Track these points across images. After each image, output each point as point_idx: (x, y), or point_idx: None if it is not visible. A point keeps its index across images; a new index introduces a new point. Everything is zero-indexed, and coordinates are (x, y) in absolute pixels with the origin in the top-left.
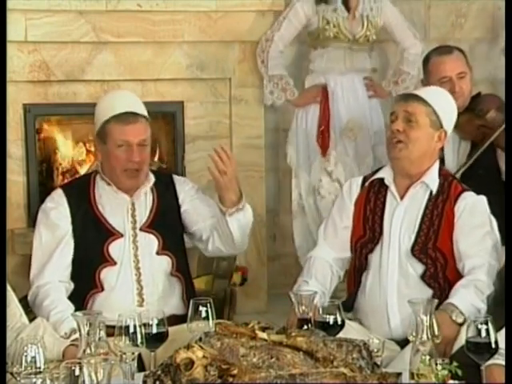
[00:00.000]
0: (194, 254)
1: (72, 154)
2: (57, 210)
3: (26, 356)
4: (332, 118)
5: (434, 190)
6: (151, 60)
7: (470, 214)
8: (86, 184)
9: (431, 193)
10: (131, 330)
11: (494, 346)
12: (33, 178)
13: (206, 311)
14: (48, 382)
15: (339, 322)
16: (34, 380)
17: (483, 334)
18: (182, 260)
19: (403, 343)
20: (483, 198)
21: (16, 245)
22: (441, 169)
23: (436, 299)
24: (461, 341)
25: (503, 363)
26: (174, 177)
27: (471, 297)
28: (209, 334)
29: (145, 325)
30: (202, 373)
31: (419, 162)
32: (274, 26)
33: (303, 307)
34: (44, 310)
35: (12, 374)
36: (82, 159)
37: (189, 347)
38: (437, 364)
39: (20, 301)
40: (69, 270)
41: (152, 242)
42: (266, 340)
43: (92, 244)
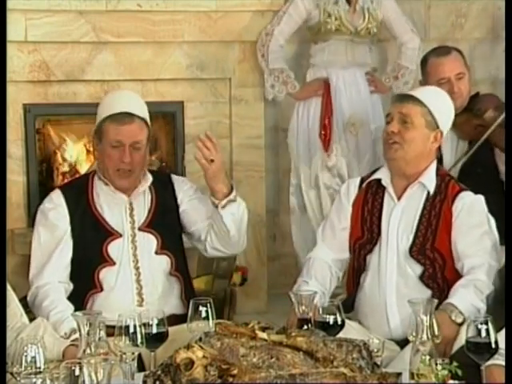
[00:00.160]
0: (194, 254)
1: (72, 154)
2: (55, 211)
3: (26, 356)
4: (334, 113)
5: (432, 191)
6: (151, 60)
7: (468, 213)
8: (84, 184)
9: (428, 193)
10: (131, 330)
11: (493, 346)
12: (33, 178)
13: (206, 311)
14: (48, 381)
15: (339, 322)
16: (34, 380)
17: (483, 333)
18: (180, 260)
19: (403, 343)
20: (481, 198)
21: (16, 245)
22: (438, 169)
23: (436, 299)
24: (461, 341)
25: (503, 363)
26: (173, 176)
27: (471, 296)
28: (209, 333)
29: (145, 325)
30: (202, 373)
31: (415, 163)
32: (274, 20)
33: (303, 307)
34: (44, 311)
35: (12, 374)
36: (82, 159)
37: (189, 347)
38: (437, 364)
39: (20, 301)
40: (68, 270)
41: (151, 241)
42: (266, 340)
43: (91, 244)
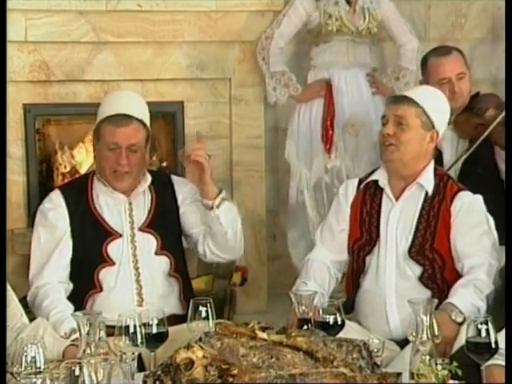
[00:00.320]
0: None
1: (72, 154)
2: (55, 211)
3: (26, 356)
4: (336, 114)
5: (430, 191)
6: (151, 60)
7: (467, 213)
8: (83, 184)
9: (427, 193)
10: (131, 330)
11: (493, 346)
12: (33, 178)
13: (206, 311)
14: (48, 381)
15: (339, 322)
16: (34, 380)
17: (483, 333)
18: (180, 261)
19: (403, 343)
20: (479, 197)
21: (16, 245)
22: (436, 169)
23: (436, 299)
24: (461, 341)
25: (503, 363)
26: (173, 177)
27: (471, 296)
28: (209, 334)
29: (145, 325)
30: (202, 373)
31: (412, 164)
32: (274, 23)
33: (303, 307)
34: (43, 311)
35: (12, 374)
36: (82, 159)
37: (189, 347)
38: (437, 364)
39: (20, 301)
40: (68, 270)
41: (151, 242)
42: (266, 340)
43: (90, 244)
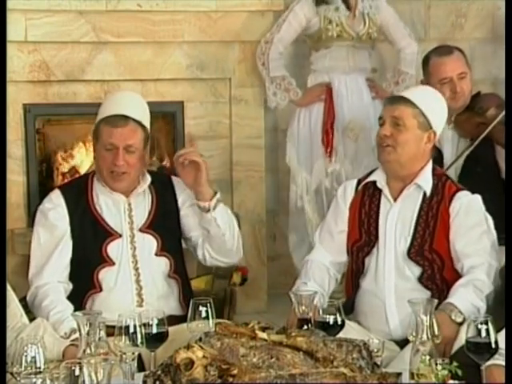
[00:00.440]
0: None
1: (72, 154)
2: (55, 211)
3: (26, 356)
4: (336, 118)
5: (428, 192)
6: (151, 60)
7: (466, 213)
8: (83, 184)
9: (425, 194)
10: (131, 330)
11: (494, 346)
12: (33, 178)
13: (206, 311)
14: (48, 381)
15: (339, 322)
16: (34, 380)
17: (483, 333)
18: (179, 262)
19: (403, 343)
20: (478, 197)
21: (16, 245)
22: (434, 169)
23: (435, 299)
24: (461, 341)
25: (503, 363)
26: (173, 178)
27: (470, 296)
28: (209, 333)
29: (145, 325)
30: (202, 373)
31: (410, 165)
32: (274, 28)
33: (303, 307)
34: (43, 311)
35: (12, 374)
36: (82, 159)
37: (189, 347)
38: (437, 364)
39: (20, 301)
40: (67, 270)
41: (151, 242)
42: (266, 340)
43: (90, 244)
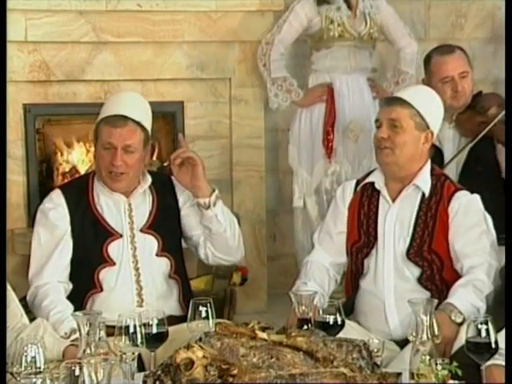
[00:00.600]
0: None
1: (72, 154)
2: (55, 211)
3: (26, 356)
4: (337, 118)
5: (427, 192)
6: (151, 60)
7: (465, 213)
8: (84, 184)
9: (424, 194)
10: (131, 330)
11: (493, 346)
12: (33, 178)
13: (206, 311)
14: (48, 381)
15: (339, 322)
16: (34, 380)
17: (483, 333)
18: (179, 262)
19: (403, 343)
20: (477, 197)
21: (16, 245)
22: (433, 168)
23: (436, 299)
24: (460, 341)
25: (503, 363)
26: (173, 178)
27: (470, 296)
28: (209, 333)
29: (145, 325)
30: (202, 373)
31: (408, 165)
32: (274, 29)
33: (303, 307)
34: (43, 311)
35: (12, 374)
36: (82, 159)
37: (189, 347)
38: (437, 364)
39: (20, 301)
40: (68, 270)
41: (152, 243)
42: (266, 340)
43: (91, 244)
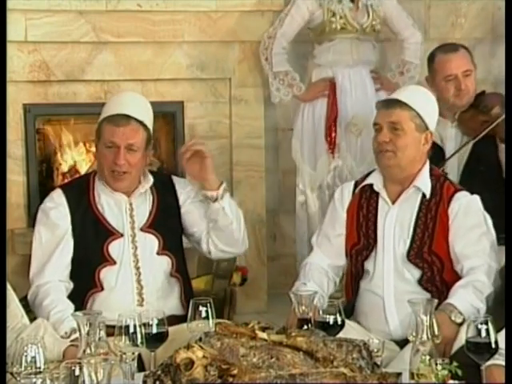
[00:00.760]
0: (194, 254)
1: (72, 154)
2: (56, 210)
3: (26, 356)
4: (340, 113)
5: (428, 194)
6: (151, 60)
7: (465, 214)
8: (85, 184)
9: (423, 195)
10: (131, 329)
11: (494, 346)
12: (33, 178)
13: (206, 311)
14: (48, 381)
15: (339, 322)
16: (34, 380)
17: (483, 333)
18: (180, 261)
19: (403, 343)
20: (477, 198)
21: (16, 245)
22: (432, 169)
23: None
24: (460, 341)
25: (503, 363)
26: (174, 178)
27: (470, 297)
28: (209, 333)
29: (145, 325)
30: (202, 373)
31: (410, 167)
32: (276, 22)
33: (303, 307)
34: (44, 310)
35: (12, 374)
36: (82, 159)
37: (189, 347)
38: (437, 364)
39: (20, 301)
40: (68, 269)
41: (152, 242)
42: (266, 340)
43: (92, 243)
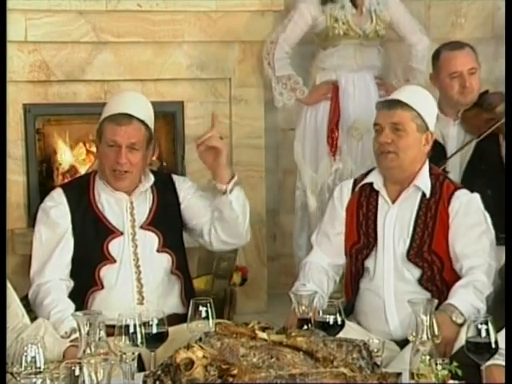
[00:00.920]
0: (194, 254)
1: (72, 154)
2: (57, 209)
3: (26, 356)
4: (342, 117)
5: (428, 193)
6: (151, 60)
7: (465, 213)
8: (85, 183)
9: (423, 194)
10: (131, 329)
11: (493, 346)
12: (33, 178)
13: (206, 311)
14: (48, 381)
15: (339, 322)
16: (34, 380)
17: (483, 333)
18: (181, 258)
19: (403, 343)
20: (477, 196)
21: (16, 245)
22: (431, 168)
23: (436, 299)
24: (461, 341)
25: (503, 363)
26: (174, 176)
27: (470, 297)
28: (209, 333)
29: (145, 324)
30: (202, 373)
31: (411, 168)
32: (279, 27)
33: (303, 307)
34: (44, 309)
35: (12, 374)
36: (82, 159)
37: (189, 347)
38: (437, 364)
39: (21, 300)
40: (69, 268)
41: (152, 239)
42: (266, 340)
43: (92, 242)
